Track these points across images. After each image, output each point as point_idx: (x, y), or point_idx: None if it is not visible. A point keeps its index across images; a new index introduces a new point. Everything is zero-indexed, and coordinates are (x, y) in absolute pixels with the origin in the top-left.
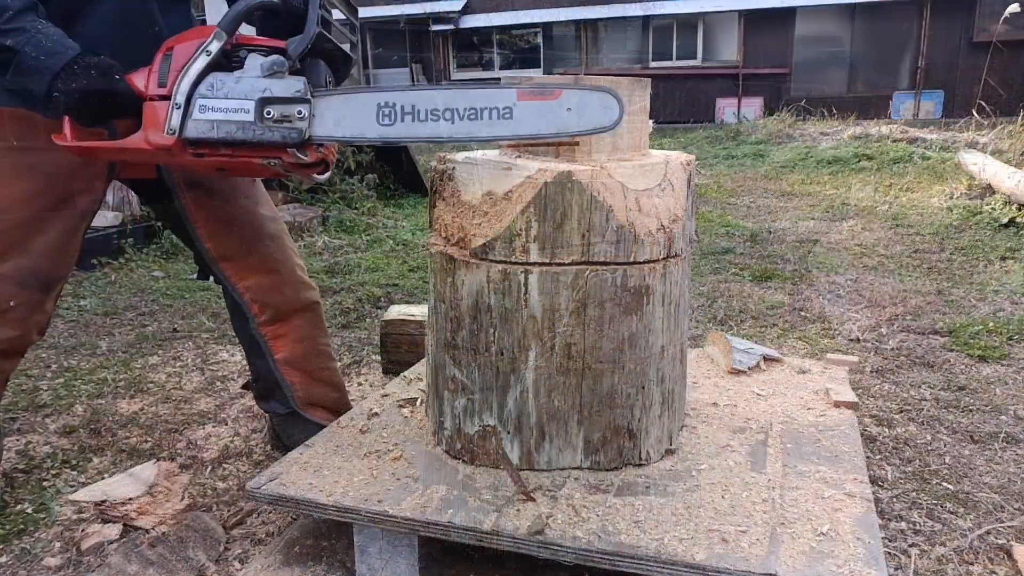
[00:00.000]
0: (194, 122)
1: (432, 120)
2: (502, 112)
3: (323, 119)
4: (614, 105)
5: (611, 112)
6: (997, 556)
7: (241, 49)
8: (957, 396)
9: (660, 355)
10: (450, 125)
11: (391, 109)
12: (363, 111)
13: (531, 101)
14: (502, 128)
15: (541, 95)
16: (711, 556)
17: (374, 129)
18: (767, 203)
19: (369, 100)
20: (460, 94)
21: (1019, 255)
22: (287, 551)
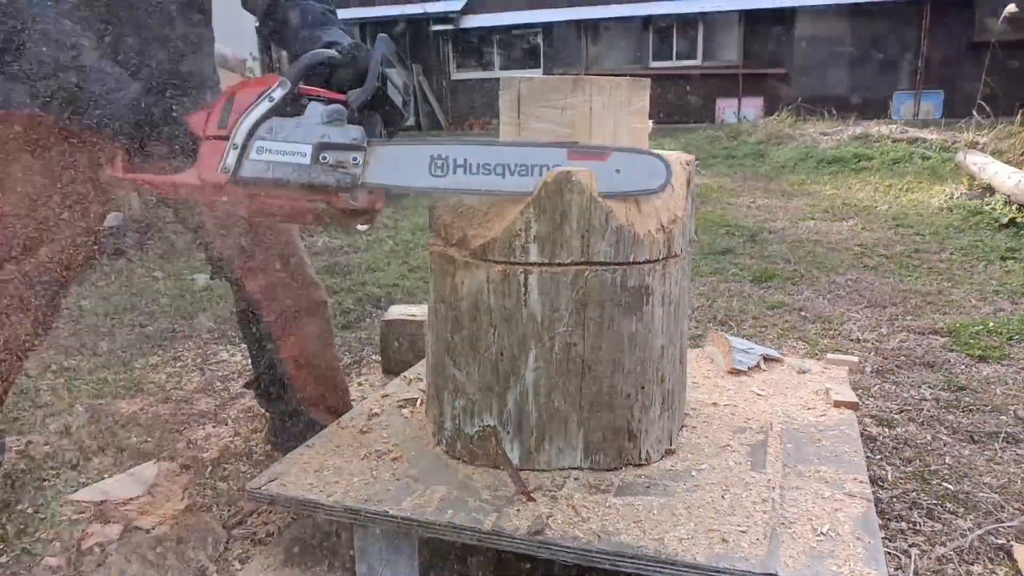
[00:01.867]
0: (251, 162)
1: (483, 174)
2: (552, 169)
3: (376, 167)
4: (662, 170)
5: (658, 177)
6: (997, 556)
7: (303, 97)
8: (957, 396)
9: (660, 355)
10: (500, 179)
11: (443, 161)
12: (416, 161)
13: (580, 160)
14: None
15: (590, 155)
16: (711, 556)
17: (425, 179)
18: (767, 203)
19: (422, 151)
20: (511, 151)
21: (1019, 255)
22: (287, 551)
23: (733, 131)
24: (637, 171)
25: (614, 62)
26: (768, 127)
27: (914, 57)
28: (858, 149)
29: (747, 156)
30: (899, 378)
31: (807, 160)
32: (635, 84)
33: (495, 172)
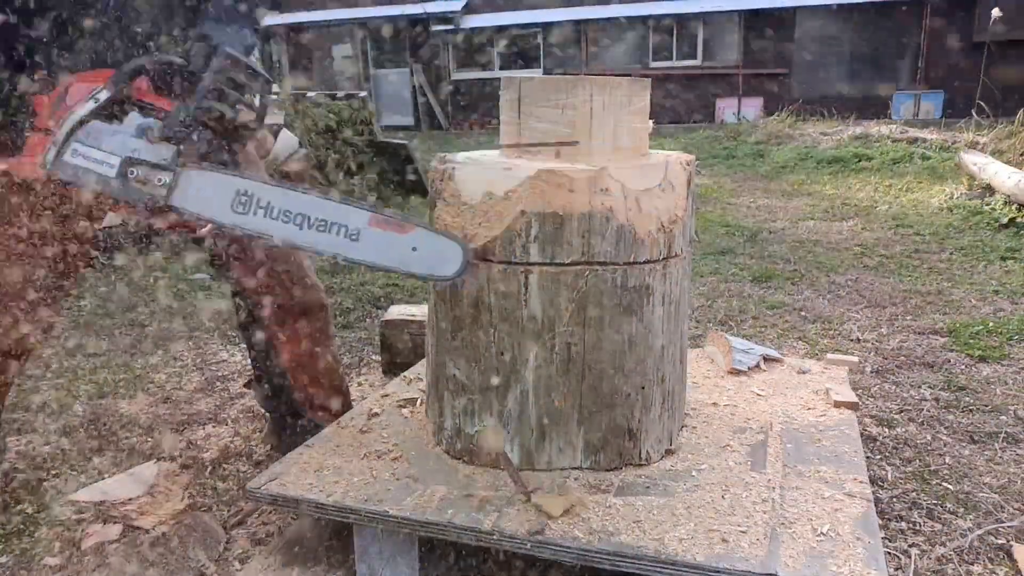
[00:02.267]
0: (63, 163)
1: (283, 221)
2: (350, 232)
3: (184, 191)
4: (458, 257)
5: (452, 264)
6: (997, 556)
7: (129, 102)
8: (957, 396)
9: (660, 355)
10: (298, 231)
11: (248, 199)
12: (222, 193)
13: (380, 229)
14: (344, 248)
15: (391, 226)
16: (711, 556)
17: (228, 215)
18: (767, 203)
19: (229, 185)
20: (315, 203)
21: (1019, 255)
22: (287, 551)
23: (733, 131)
24: (433, 254)
25: (614, 62)
26: (768, 127)
27: (914, 57)
28: (858, 149)
29: (747, 156)
30: (899, 378)
31: (807, 160)
32: (635, 84)
33: (294, 222)
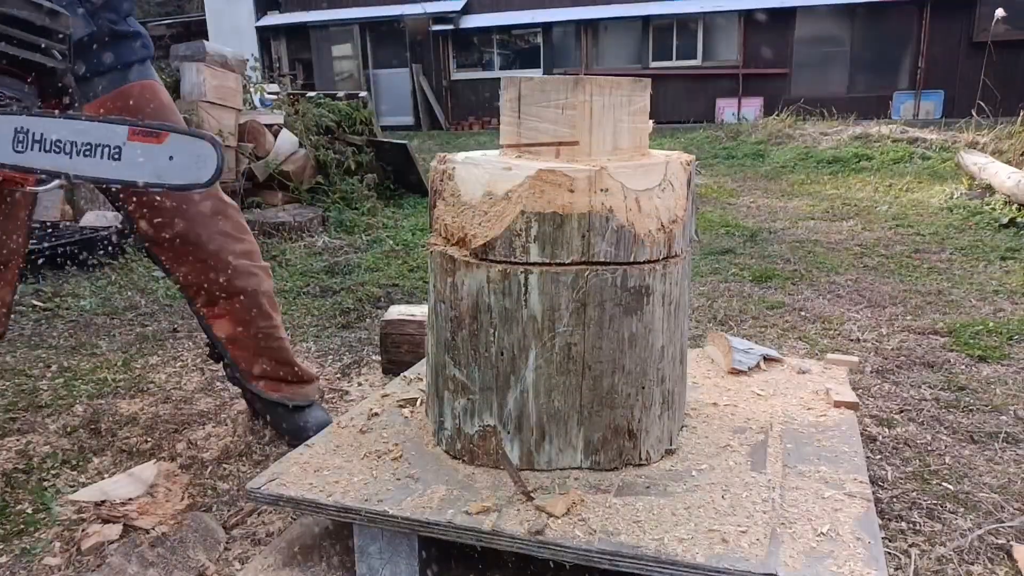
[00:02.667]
0: None
1: (55, 152)
2: (112, 152)
3: None
4: (211, 157)
5: (208, 167)
6: (997, 556)
7: None
8: (957, 396)
9: (660, 355)
10: (68, 160)
11: (25, 136)
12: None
13: (138, 141)
14: (107, 170)
15: (148, 136)
16: (711, 556)
17: (9, 155)
18: (767, 203)
19: (7, 124)
20: (80, 127)
21: (1019, 255)
22: (287, 551)
23: (733, 131)
24: (190, 160)
25: (614, 62)
26: (768, 127)
27: (914, 57)
28: (858, 149)
29: (747, 156)
30: (899, 378)
31: (807, 160)
32: (635, 84)
33: (64, 151)
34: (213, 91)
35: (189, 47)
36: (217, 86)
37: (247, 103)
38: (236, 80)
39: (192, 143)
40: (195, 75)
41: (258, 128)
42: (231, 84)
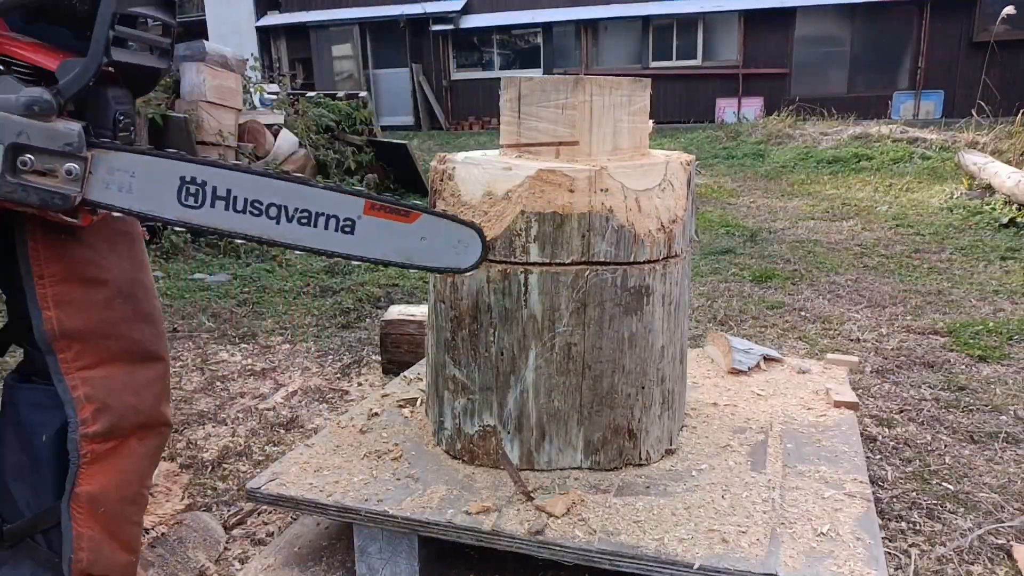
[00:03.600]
0: None
1: (252, 214)
2: (342, 224)
3: (105, 180)
4: (476, 247)
5: (470, 254)
6: (997, 556)
7: None
8: (957, 396)
9: (660, 355)
10: (274, 225)
11: (198, 188)
12: (161, 182)
13: (379, 217)
14: (337, 243)
15: (393, 213)
16: (711, 556)
17: (174, 208)
18: (767, 203)
19: (170, 171)
20: (294, 191)
21: (1019, 255)
22: (287, 551)
23: (733, 131)
24: (446, 244)
25: (614, 62)
26: (768, 127)
27: (914, 57)
28: (858, 149)
29: (747, 156)
30: (899, 378)
31: (807, 160)
32: (635, 84)
33: (268, 214)
34: (213, 91)
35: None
36: (217, 86)
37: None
38: (236, 80)
39: (449, 227)
40: (195, 75)
41: (258, 128)
42: (231, 84)
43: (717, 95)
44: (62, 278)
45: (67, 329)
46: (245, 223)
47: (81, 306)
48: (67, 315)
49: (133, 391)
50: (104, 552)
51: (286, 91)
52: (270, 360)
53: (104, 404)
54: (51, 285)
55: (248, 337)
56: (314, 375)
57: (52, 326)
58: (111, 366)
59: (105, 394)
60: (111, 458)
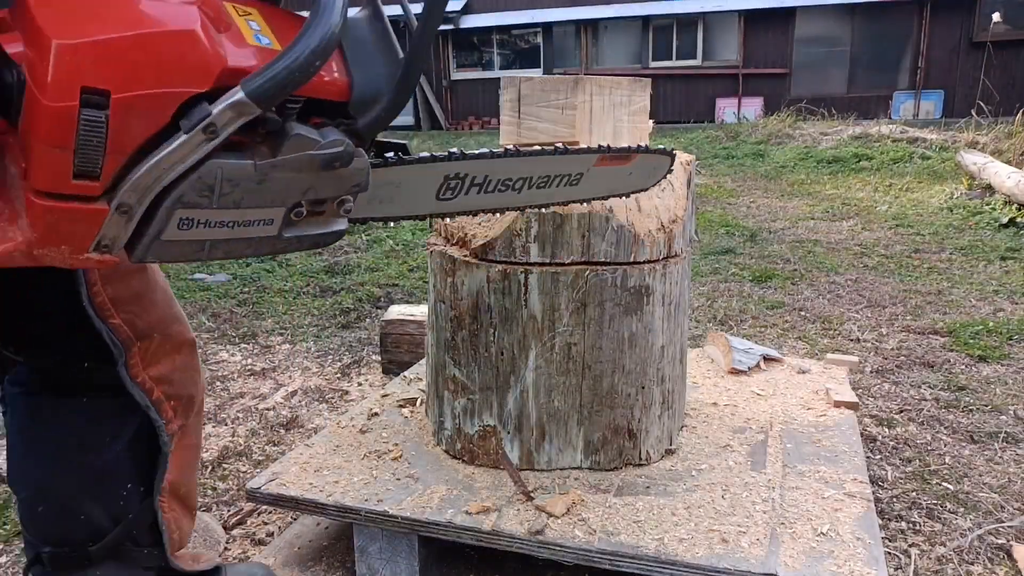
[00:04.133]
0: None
1: (500, 191)
2: (572, 179)
3: (370, 196)
4: (664, 167)
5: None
6: (997, 556)
7: None
8: (957, 396)
9: (660, 355)
10: (516, 195)
11: (458, 182)
12: (425, 185)
13: (605, 166)
14: (563, 194)
15: (615, 160)
16: (711, 556)
17: (430, 204)
18: (767, 203)
19: (436, 173)
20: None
21: (1019, 255)
22: (287, 551)
23: (733, 131)
24: (646, 171)
25: (614, 62)
26: (768, 127)
27: (914, 57)
28: (858, 149)
29: (747, 156)
30: (899, 378)
31: (807, 160)
32: (635, 84)
33: (512, 188)
34: None
35: None
36: None
37: None
38: None
39: (650, 158)
40: None
41: None
42: None
43: (717, 95)
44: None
45: (139, 330)
46: (492, 200)
47: (144, 307)
48: (134, 318)
49: (191, 378)
50: (184, 525)
51: None
52: (270, 360)
53: (177, 397)
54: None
55: (248, 337)
56: (314, 375)
57: (124, 333)
58: (170, 359)
59: (176, 388)
60: (181, 441)
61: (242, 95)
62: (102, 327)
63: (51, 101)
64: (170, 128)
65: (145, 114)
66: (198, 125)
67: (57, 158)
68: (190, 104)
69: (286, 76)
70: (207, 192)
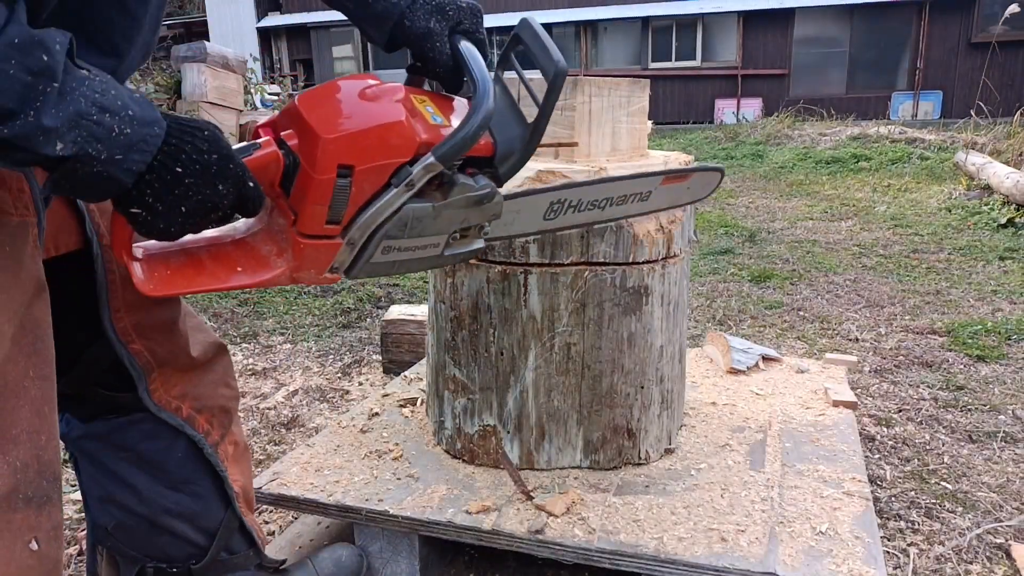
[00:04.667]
0: (371, 265)
1: (589, 210)
2: (643, 196)
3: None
4: (715, 181)
5: (711, 186)
6: (996, 555)
7: None
8: (955, 396)
9: (659, 355)
10: (601, 212)
11: (560, 205)
12: (537, 210)
13: (669, 185)
14: (635, 208)
15: (677, 179)
16: (710, 555)
17: (537, 224)
18: (766, 203)
19: (546, 199)
20: (623, 185)
21: (1017, 255)
22: (288, 550)
23: (732, 132)
24: (701, 185)
25: (613, 63)
26: (767, 127)
27: (913, 57)
28: (856, 149)
29: (746, 156)
30: (897, 378)
31: (806, 160)
32: (634, 84)
33: (598, 207)
34: (214, 92)
35: (190, 48)
36: (218, 87)
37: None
38: (237, 81)
39: (705, 175)
40: (196, 76)
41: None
42: (232, 85)
43: (716, 96)
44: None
45: (160, 357)
46: (583, 217)
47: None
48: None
49: (220, 391)
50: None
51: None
52: (271, 360)
53: (209, 411)
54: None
55: (249, 337)
56: (315, 375)
57: (144, 359)
58: (196, 376)
59: (206, 402)
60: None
61: (432, 159)
62: (123, 351)
63: (319, 175)
64: (385, 185)
65: (374, 179)
66: (403, 182)
67: (318, 211)
68: (399, 168)
69: (461, 144)
70: (403, 227)
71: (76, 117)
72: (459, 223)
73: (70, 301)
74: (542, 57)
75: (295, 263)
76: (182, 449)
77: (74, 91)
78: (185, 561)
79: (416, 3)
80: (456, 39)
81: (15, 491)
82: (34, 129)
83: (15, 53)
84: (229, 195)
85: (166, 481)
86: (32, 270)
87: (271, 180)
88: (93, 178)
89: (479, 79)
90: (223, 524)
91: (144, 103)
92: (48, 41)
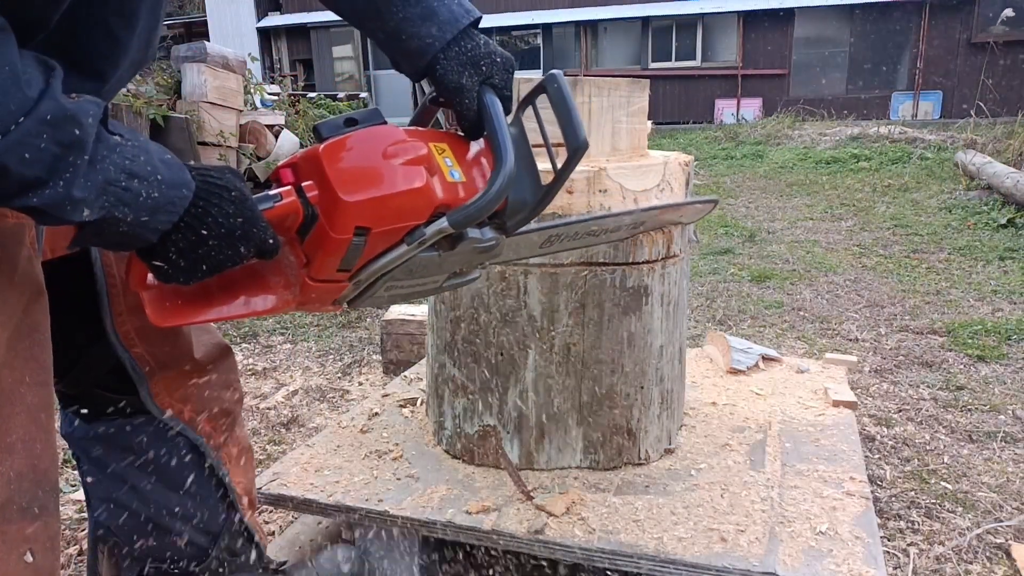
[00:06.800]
0: (373, 299)
1: (582, 239)
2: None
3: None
4: (709, 207)
5: (705, 211)
6: (995, 555)
7: None
8: (955, 396)
9: (659, 355)
10: (594, 238)
11: (557, 235)
12: (533, 241)
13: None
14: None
15: (667, 210)
16: (710, 555)
17: (533, 251)
18: (766, 203)
19: (544, 232)
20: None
21: (1017, 255)
22: (288, 550)
23: (732, 132)
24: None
25: (614, 62)
26: (767, 127)
27: (913, 57)
28: (856, 149)
29: (746, 157)
30: (897, 378)
31: (805, 160)
32: (634, 84)
33: (592, 235)
34: (214, 92)
35: (190, 48)
36: (218, 87)
37: (248, 104)
38: (237, 81)
39: (699, 207)
40: (196, 76)
41: (259, 129)
42: (232, 85)
43: (716, 96)
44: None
45: (162, 361)
46: (578, 243)
47: (171, 340)
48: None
49: (223, 394)
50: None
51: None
52: (271, 360)
53: (211, 414)
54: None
55: (249, 337)
56: (315, 375)
57: (146, 363)
58: (199, 379)
59: (207, 404)
60: (232, 452)
61: (446, 224)
62: (124, 355)
63: (336, 234)
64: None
65: (388, 239)
66: (416, 240)
67: (330, 262)
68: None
69: (477, 214)
70: (409, 272)
71: (105, 185)
72: (461, 265)
73: (70, 303)
74: (565, 126)
75: (302, 298)
76: (184, 452)
77: (104, 159)
78: (187, 562)
79: (451, 50)
80: (484, 91)
81: (10, 502)
82: (63, 199)
83: (47, 128)
84: (250, 253)
85: (168, 483)
86: (29, 273)
87: (288, 227)
88: (118, 237)
89: (502, 145)
90: (225, 526)
91: (174, 165)
92: (80, 116)
